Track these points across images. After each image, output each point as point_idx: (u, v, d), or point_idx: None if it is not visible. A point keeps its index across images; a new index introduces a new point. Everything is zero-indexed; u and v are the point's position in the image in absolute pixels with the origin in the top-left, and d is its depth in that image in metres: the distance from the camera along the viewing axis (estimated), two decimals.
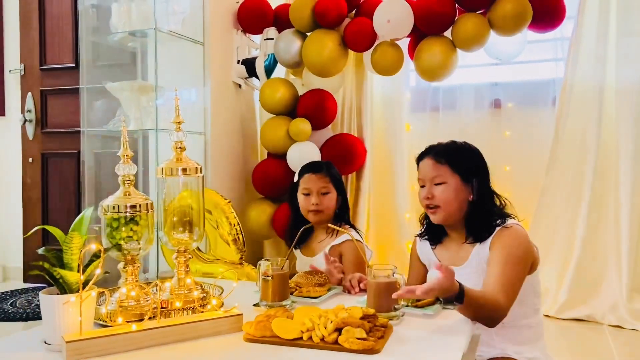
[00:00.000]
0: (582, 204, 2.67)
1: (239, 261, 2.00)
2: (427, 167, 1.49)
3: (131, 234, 1.19)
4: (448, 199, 1.45)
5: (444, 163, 1.47)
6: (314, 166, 1.90)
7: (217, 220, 1.97)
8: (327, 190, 1.84)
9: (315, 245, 1.88)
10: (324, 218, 1.83)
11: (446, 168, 1.46)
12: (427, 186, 1.48)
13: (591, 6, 2.66)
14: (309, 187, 1.84)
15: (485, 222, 1.45)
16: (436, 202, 1.46)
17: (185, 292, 1.23)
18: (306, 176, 1.86)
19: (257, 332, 1.06)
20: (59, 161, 3.46)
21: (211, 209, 2.02)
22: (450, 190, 1.45)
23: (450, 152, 1.49)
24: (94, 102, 2.74)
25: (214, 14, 2.84)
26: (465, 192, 1.46)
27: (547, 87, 2.96)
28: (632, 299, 2.55)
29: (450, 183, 1.46)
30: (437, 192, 1.45)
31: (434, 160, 1.48)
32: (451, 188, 1.45)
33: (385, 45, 2.66)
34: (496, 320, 1.30)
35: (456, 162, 1.47)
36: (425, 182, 1.49)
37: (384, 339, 1.05)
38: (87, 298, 1.03)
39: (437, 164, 1.47)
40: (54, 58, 3.44)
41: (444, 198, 1.45)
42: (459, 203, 1.46)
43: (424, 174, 1.49)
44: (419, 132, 3.14)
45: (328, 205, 1.84)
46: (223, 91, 2.95)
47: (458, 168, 1.46)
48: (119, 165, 1.21)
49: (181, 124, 1.27)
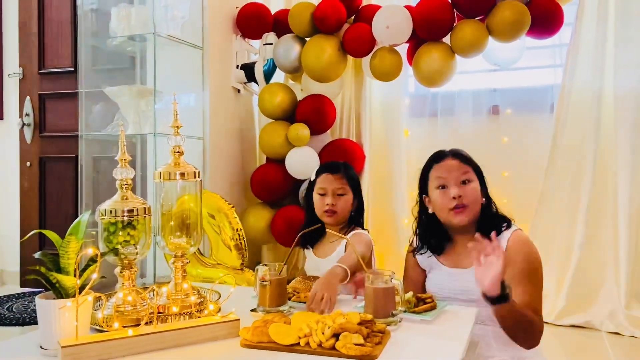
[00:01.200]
0: (580, 210, 2.67)
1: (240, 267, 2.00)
2: (452, 166, 1.48)
3: (128, 239, 1.18)
4: (477, 197, 1.46)
5: (467, 163, 1.49)
6: (332, 166, 1.87)
7: (219, 225, 1.97)
8: (343, 192, 1.81)
9: (328, 246, 1.86)
10: (338, 220, 1.81)
11: (470, 168, 1.49)
12: (454, 184, 1.46)
13: (589, 13, 2.67)
14: (325, 187, 1.81)
15: (493, 223, 1.47)
16: (465, 201, 1.44)
17: (182, 297, 1.22)
18: (323, 176, 1.84)
19: (254, 338, 1.06)
20: (57, 165, 3.46)
21: (214, 213, 2.02)
22: (477, 189, 1.47)
23: (469, 156, 1.53)
24: (92, 107, 2.74)
25: (213, 19, 2.85)
26: (481, 195, 1.49)
27: (545, 94, 2.97)
28: (631, 306, 2.55)
29: (476, 182, 1.48)
30: (466, 190, 1.45)
31: (458, 160, 1.49)
32: (477, 187, 1.48)
33: (384, 51, 2.66)
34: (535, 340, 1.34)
35: (475, 165, 1.51)
36: (449, 180, 1.46)
37: (382, 345, 1.04)
38: (84, 303, 1.02)
39: (463, 163, 1.49)
40: (53, 62, 3.44)
41: (473, 197, 1.45)
42: (479, 205, 1.48)
43: (448, 172, 1.47)
44: (418, 138, 3.14)
45: (343, 207, 1.81)
46: (222, 96, 2.95)
47: (477, 171, 1.50)
48: (117, 169, 1.20)
49: (179, 129, 1.27)
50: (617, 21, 2.62)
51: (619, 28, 2.62)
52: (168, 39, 2.58)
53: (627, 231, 2.57)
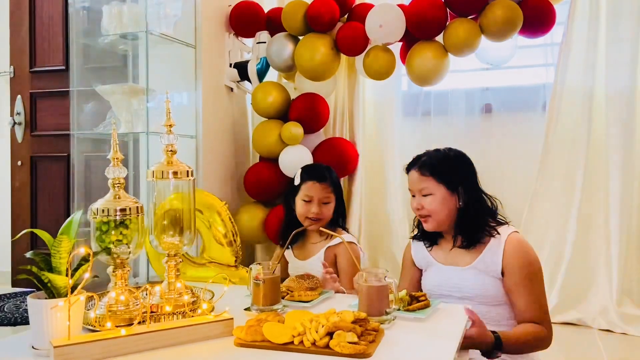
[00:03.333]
0: (572, 208, 2.69)
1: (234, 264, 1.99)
2: (414, 180, 1.55)
3: (121, 238, 1.17)
4: (436, 209, 1.50)
5: (428, 175, 1.52)
6: (319, 174, 1.87)
7: (209, 220, 1.95)
8: (328, 200, 1.84)
9: (310, 247, 1.88)
10: (321, 225, 1.83)
11: (431, 179, 1.51)
12: (417, 197, 1.54)
13: (581, 12, 2.68)
14: (312, 195, 1.82)
15: (475, 226, 1.49)
16: (426, 212, 1.52)
17: (175, 296, 1.22)
18: (310, 183, 1.84)
19: (248, 337, 1.06)
20: (48, 164, 3.43)
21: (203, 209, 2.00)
22: (437, 201, 1.50)
23: (434, 164, 1.53)
24: (84, 105, 2.72)
25: (205, 17, 2.84)
26: (453, 200, 1.51)
27: (538, 92, 2.99)
28: (622, 303, 2.57)
29: (437, 194, 1.50)
30: (426, 202, 1.51)
31: (419, 172, 1.53)
32: (438, 198, 1.50)
33: (377, 50, 2.67)
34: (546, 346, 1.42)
35: (440, 173, 1.51)
36: (415, 192, 1.55)
37: (375, 343, 1.04)
38: (76, 302, 1.01)
39: (422, 177, 1.52)
40: (44, 60, 3.41)
41: (432, 209, 1.50)
42: (448, 211, 1.51)
43: (411, 185, 1.56)
44: (411, 137, 3.15)
45: (327, 215, 1.84)
46: (215, 94, 2.94)
47: (442, 178, 1.51)
48: (109, 168, 1.20)
49: (172, 127, 1.27)
50: (609, 20, 2.64)
51: (611, 27, 2.64)
52: (160, 37, 2.56)
53: (619, 229, 2.59)
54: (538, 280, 1.45)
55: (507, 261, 1.45)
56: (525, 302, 1.42)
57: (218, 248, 1.94)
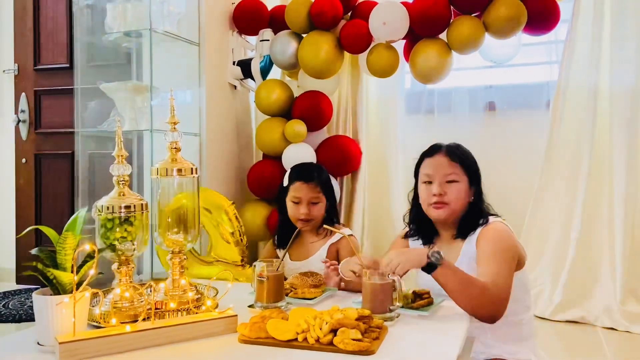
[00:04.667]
0: (576, 206, 2.68)
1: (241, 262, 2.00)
2: (441, 164, 1.48)
3: (125, 235, 1.18)
4: (459, 197, 1.46)
5: (457, 162, 1.48)
6: (306, 174, 1.84)
7: (217, 220, 1.97)
8: (317, 200, 1.81)
9: (307, 247, 1.87)
10: (312, 225, 1.82)
11: (459, 167, 1.48)
12: (438, 182, 1.46)
13: (585, 10, 2.67)
14: (299, 196, 1.80)
15: (476, 221, 1.48)
16: (446, 200, 1.45)
17: (179, 293, 1.22)
18: (297, 184, 1.81)
19: (252, 334, 1.06)
20: (52, 162, 3.44)
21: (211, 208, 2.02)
22: (462, 190, 1.47)
23: (462, 153, 1.51)
24: (88, 103, 2.73)
25: (209, 15, 2.84)
26: (470, 193, 1.49)
27: (541, 90, 2.98)
28: (626, 302, 2.56)
29: (462, 182, 1.47)
30: (450, 189, 1.46)
31: (448, 157, 1.48)
32: (463, 187, 1.47)
33: (380, 48, 2.66)
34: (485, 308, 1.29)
35: (467, 164, 1.49)
36: (435, 178, 1.47)
37: (379, 340, 1.05)
38: (81, 299, 1.02)
39: (452, 162, 1.47)
40: (48, 58, 3.42)
41: (455, 197, 1.45)
42: (463, 203, 1.48)
43: (435, 170, 1.48)
44: (414, 135, 3.14)
45: (317, 214, 1.82)
46: (218, 92, 2.94)
47: (468, 169, 1.49)
48: (114, 165, 1.20)
49: (176, 125, 1.27)
50: (613, 18, 2.63)
51: (615, 25, 2.63)
52: (164, 34, 2.57)
53: (623, 227, 2.59)
54: (503, 257, 1.37)
55: (479, 241, 1.43)
56: (482, 271, 1.35)
57: (225, 246, 1.96)
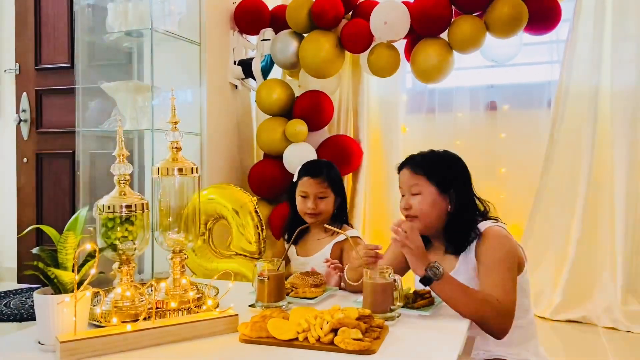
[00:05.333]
0: (577, 206, 2.68)
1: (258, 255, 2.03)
2: (405, 177, 1.49)
3: (126, 234, 1.18)
4: (424, 209, 1.44)
5: (420, 173, 1.46)
6: (313, 170, 1.87)
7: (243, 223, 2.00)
8: (324, 195, 1.82)
9: (314, 244, 1.87)
10: (320, 220, 1.83)
11: (423, 178, 1.45)
12: (406, 196, 1.48)
13: (587, 10, 2.67)
14: (306, 190, 1.83)
15: (464, 233, 1.43)
16: (413, 213, 1.45)
17: (180, 292, 1.22)
18: (305, 179, 1.85)
19: (253, 333, 1.06)
20: (53, 161, 3.44)
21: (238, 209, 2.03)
22: (427, 201, 1.44)
23: (428, 163, 1.48)
24: (89, 102, 2.73)
25: (210, 15, 2.84)
26: (444, 203, 1.45)
27: (543, 90, 2.98)
28: (627, 301, 2.56)
29: (427, 194, 1.44)
30: (415, 202, 1.45)
31: (410, 170, 1.48)
32: (428, 199, 1.44)
33: (381, 47, 2.66)
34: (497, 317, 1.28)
35: (433, 173, 1.46)
36: (404, 191, 1.49)
37: (380, 340, 1.04)
38: (82, 298, 1.02)
39: (414, 174, 1.46)
40: (50, 58, 3.42)
41: (420, 209, 1.44)
42: (437, 213, 1.44)
43: (402, 184, 1.50)
44: (415, 134, 3.14)
45: (325, 210, 1.83)
46: (219, 92, 2.94)
47: (435, 179, 1.45)
48: (115, 164, 1.20)
49: (177, 124, 1.27)
50: (614, 17, 2.63)
51: (616, 24, 2.63)
52: (165, 34, 2.57)
53: (624, 227, 2.59)
54: (505, 266, 1.35)
55: (479, 248, 1.40)
56: (487, 284, 1.32)
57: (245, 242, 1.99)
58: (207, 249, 2.16)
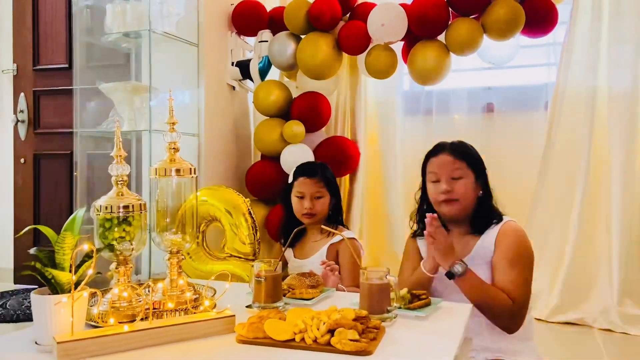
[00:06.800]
0: (574, 208, 2.68)
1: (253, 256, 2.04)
2: (445, 162, 1.54)
3: (124, 235, 1.18)
4: (467, 192, 1.52)
5: (461, 159, 1.53)
6: (309, 170, 1.90)
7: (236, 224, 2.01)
8: (320, 195, 1.84)
9: (310, 245, 1.88)
10: (316, 220, 1.84)
11: (464, 164, 1.53)
12: (444, 180, 1.53)
13: (583, 12, 2.68)
14: (303, 191, 1.84)
15: (489, 217, 1.53)
16: (455, 196, 1.51)
17: (177, 293, 1.22)
18: (300, 179, 1.87)
19: (250, 334, 1.06)
20: (51, 162, 3.44)
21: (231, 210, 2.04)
22: (469, 185, 1.52)
23: (466, 150, 1.57)
24: (87, 103, 2.73)
25: (208, 16, 2.84)
26: (477, 188, 1.54)
27: (540, 92, 2.98)
28: (623, 303, 2.57)
29: (468, 178, 1.52)
30: (457, 185, 1.51)
31: (452, 155, 1.54)
32: (469, 182, 1.52)
33: (379, 49, 2.67)
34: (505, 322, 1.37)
35: (472, 160, 1.55)
36: (441, 176, 1.54)
37: (377, 341, 1.05)
38: (79, 298, 1.02)
39: (456, 159, 1.53)
40: (47, 59, 3.42)
41: (463, 192, 1.51)
42: (473, 198, 1.53)
43: (441, 168, 1.54)
44: (412, 136, 3.14)
45: (321, 210, 1.85)
46: (217, 93, 2.95)
47: (473, 165, 1.54)
48: (112, 165, 1.20)
49: (175, 125, 1.27)
50: (611, 20, 2.64)
51: (613, 27, 2.64)
52: (163, 35, 2.57)
53: (620, 229, 2.59)
54: (524, 265, 1.44)
55: (499, 241, 1.48)
56: (505, 280, 1.41)
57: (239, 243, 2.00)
58: (201, 251, 2.16)
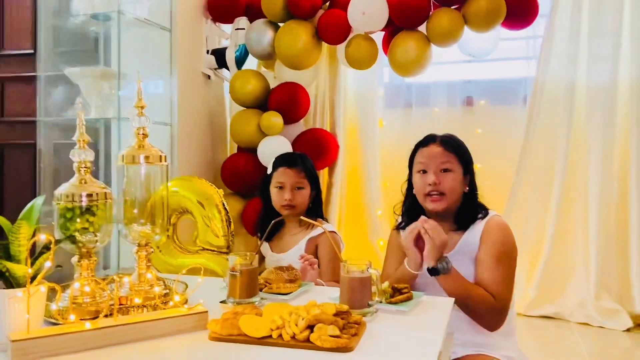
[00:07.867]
0: (552, 202, 2.70)
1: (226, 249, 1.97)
2: (435, 153, 1.48)
3: (87, 226, 1.10)
4: (454, 187, 1.46)
5: (451, 152, 1.48)
6: (290, 160, 1.84)
7: (209, 216, 1.93)
8: (301, 186, 1.79)
9: (288, 239, 1.83)
10: (296, 212, 1.78)
11: (454, 157, 1.48)
12: (432, 172, 1.46)
13: (564, 5, 2.69)
14: (283, 181, 1.79)
15: (473, 213, 1.48)
16: (442, 189, 1.45)
17: (146, 287, 1.15)
18: (281, 170, 1.81)
19: (224, 331, 1.00)
20: (15, 152, 3.30)
21: (204, 201, 1.97)
22: (457, 179, 1.47)
23: (457, 144, 1.52)
24: (53, 90, 2.61)
25: (182, 1, 2.75)
26: (464, 184, 1.49)
27: (519, 85, 3.00)
28: (600, 297, 2.59)
29: (457, 172, 1.47)
30: (445, 178, 1.46)
31: (443, 147, 1.48)
32: (457, 177, 1.47)
33: (359, 38, 2.62)
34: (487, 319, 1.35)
35: (462, 154, 1.50)
36: (429, 167, 1.48)
37: (358, 336, 1.00)
38: (36, 293, 0.94)
39: (447, 152, 1.48)
40: (12, 44, 3.27)
41: (450, 186, 1.46)
42: (459, 193, 1.48)
43: (430, 159, 1.48)
44: (392, 129, 3.12)
45: (301, 202, 1.80)
46: (191, 81, 2.86)
47: (462, 159, 1.49)
48: (74, 150, 1.13)
49: (144, 109, 1.19)
50: (591, 14, 2.65)
51: (593, 21, 2.65)
52: (134, 19, 2.46)
53: (597, 223, 2.61)
54: (509, 262, 1.41)
55: (484, 236, 1.43)
56: (489, 278, 1.37)
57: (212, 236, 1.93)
58: (172, 244, 2.08)
